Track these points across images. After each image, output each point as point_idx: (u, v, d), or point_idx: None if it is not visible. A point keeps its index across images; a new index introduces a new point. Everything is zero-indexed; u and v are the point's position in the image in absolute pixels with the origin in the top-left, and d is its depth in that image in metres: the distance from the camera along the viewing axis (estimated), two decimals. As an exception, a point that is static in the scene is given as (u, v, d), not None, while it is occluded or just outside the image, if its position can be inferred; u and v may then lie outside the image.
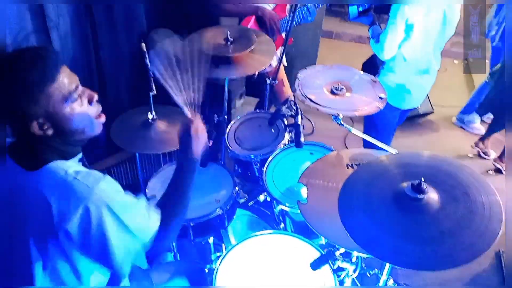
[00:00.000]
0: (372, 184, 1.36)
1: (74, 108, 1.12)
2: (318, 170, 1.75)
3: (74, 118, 1.13)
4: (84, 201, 1.07)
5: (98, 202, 1.08)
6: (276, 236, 1.74)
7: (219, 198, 1.92)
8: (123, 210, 1.13)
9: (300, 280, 1.56)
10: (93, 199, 1.08)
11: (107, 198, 1.10)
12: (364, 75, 2.18)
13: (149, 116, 1.99)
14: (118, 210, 1.11)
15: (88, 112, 1.16)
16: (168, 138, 1.96)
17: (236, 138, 2.25)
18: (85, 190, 1.08)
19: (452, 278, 2.38)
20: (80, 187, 1.09)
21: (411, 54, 2.31)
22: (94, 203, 1.08)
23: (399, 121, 2.69)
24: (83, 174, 1.12)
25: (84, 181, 1.09)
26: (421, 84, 2.45)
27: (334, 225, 1.35)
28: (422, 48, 2.31)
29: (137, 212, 1.18)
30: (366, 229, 1.23)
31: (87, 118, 1.16)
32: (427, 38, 2.28)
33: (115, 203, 1.11)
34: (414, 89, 2.43)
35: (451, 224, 1.17)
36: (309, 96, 1.99)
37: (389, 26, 2.23)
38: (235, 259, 1.64)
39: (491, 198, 1.21)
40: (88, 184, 1.09)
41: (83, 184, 1.09)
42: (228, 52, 2.12)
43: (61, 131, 1.13)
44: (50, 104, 1.07)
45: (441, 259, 1.12)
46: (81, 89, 1.15)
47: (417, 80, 2.40)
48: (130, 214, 1.15)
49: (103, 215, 1.09)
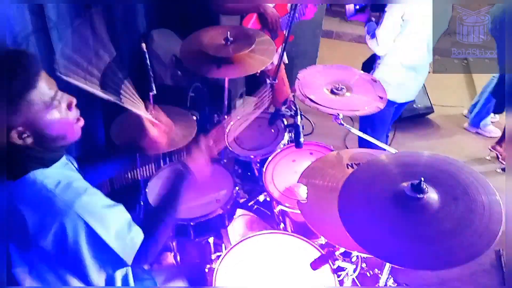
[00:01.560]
0: (372, 184, 1.36)
1: (54, 115, 1.08)
2: (318, 170, 1.75)
3: (55, 125, 1.09)
4: (60, 217, 1.03)
5: (75, 219, 1.04)
6: (276, 236, 1.74)
7: (219, 198, 1.92)
8: (103, 228, 1.08)
9: (300, 280, 1.56)
10: (70, 216, 1.03)
11: (86, 215, 1.06)
12: (364, 75, 2.19)
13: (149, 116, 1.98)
14: (97, 228, 1.07)
15: (68, 118, 1.12)
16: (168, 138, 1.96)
17: (236, 138, 2.25)
18: (62, 206, 1.04)
19: (452, 277, 2.38)
20: (57, 202, 1.04)
21: (404, 49, 2.37)
22: (71, 220, 1.03)
23: (395, 115, 2.75)
24: (62, 186, 1.07)
25: (62, 196, 1.05)
26: (415, 78, 2.51)
27: (334, 225, 1.35)
28: (415, 42, 2.36)
29: (119, 229, 1.13)
30: (366, 229, 1.23)
31: (68, 124, 1.13)
32: (420, 33, 2.33)
33: (94, 220, 1.07)
34: (408, 83, 2.49)
35: (451, 223, 1.17)
36: (309, 96, 1.99)
37: (385, 22, 2.28)
38: (235, 259, 1.64)
39: (491, 197, 1.20)
40: (66, 199, 1.05)
41: (61, 199, 1.04)
42: (228, 52, 2.13)
43: (41, 139, 1.08)
44: (31, 112, 1.03)
45: (442, 258, 1.12)
46: (60, 94, 1.10)
47: (410, 73, 2.46)
48: (110, 232, 1.10)
49: (80, 234, 1.04)
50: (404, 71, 2.44)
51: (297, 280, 1.56)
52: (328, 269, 1.55)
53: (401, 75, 2.45)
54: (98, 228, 1.07)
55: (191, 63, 2.18)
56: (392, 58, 2.43)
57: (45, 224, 1.03)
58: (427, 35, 2.35)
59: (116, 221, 1.14)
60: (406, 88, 2.50)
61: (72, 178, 1.14)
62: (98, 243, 1.08)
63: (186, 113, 2.13)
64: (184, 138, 1.97)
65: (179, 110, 2.15)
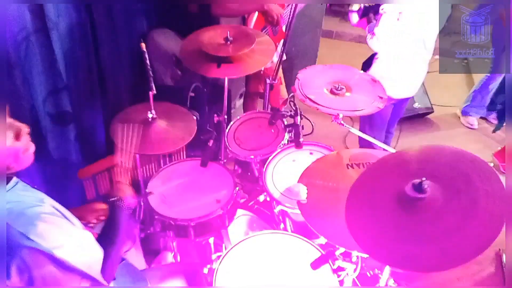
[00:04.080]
0: (374, 187, 1.33)
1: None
2: (318, 170, 1.75)
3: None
4: (19, 251, 1.00)
5: (34, 250, 1.01)
6: (276, 236, 1.74)
7: (220, 198, 1.92)
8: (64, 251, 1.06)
9: (300, 280, 1.56)
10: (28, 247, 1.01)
11: (44, 242, 1.03)
12: (364, 75, 2.19)
13: (149, 115, 1.98)
14: (59, 252, 1.05)
15: (12, 149, 1.06)
16: (168, 137, 1.96)
17: (236, 138, 2.25)
18: (18, 238, 1.01)
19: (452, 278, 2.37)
20: (13, 234, 1.01)
21: (399, 45, 2.41)
22: (31, 253, 1.01)
23: (395, 113, 2.77)
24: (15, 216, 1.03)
25: (17, 227, 1.01)
26: (410, 74, 2.54)
27: (334, 225, 1.35)
28: (410, 39, 2.39)
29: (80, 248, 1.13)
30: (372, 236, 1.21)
31: (12, 154, 1.07)
32: (415, 30, 2.36)
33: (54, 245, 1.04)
34: (403, 78, 2.52)
35: (456, 218, 1.14)
36: (309, 96, 1.99)
37: (382, 20, 2.36)
38: (235, 259, 1.64)
39: (494, 184, 1.16)
40: (22, 230, 1.01)
41: (16, 231, 1.01)
42: (228, 52, 2.12)
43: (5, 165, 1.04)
44: None
45: (449, 257, 1.09)
46: (8, 123, 1.04)
47: (405, 69, 2.50)
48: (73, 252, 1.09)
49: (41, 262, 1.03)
50: (399, 66, 2.48)
51: (297, 280, 1.56)
52: (328, 269, 1.55)
53: (396, 70, 2.49)
54: (59, 252, 1.06)
55: (191, 63, 2.18)
56: (388, 54, 2.48)
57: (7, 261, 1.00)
58: (423, 32, 2.38)
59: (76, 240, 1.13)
60: (402, 83, 2.53)
61: (27, 204, 1.09)
62: (61, 264, 1.06)
63: (186, 112, 2.13)
64: (185, 137, 1.97)
65: (179, 108, 2.15)
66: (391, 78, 2.43)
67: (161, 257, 2.20)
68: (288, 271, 1.59)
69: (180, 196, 1.93)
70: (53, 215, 1.12)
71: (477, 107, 3.74)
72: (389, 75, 2.46)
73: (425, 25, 2.36)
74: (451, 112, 3.97)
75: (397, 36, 2.39)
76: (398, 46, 2.43)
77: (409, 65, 2.50)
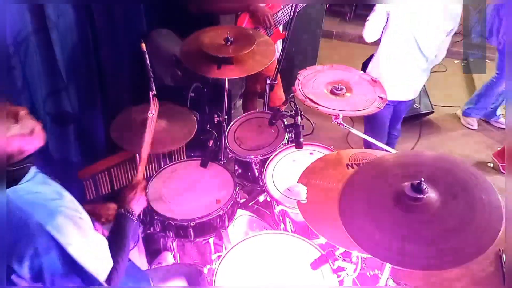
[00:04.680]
0: (372, 185, 1.35)
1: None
2: (318, 170, 1.75)
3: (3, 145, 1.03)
4: (34, 241, 1.00)
5: (49, 242, 1.01)
6: (276, 236, 1.74)
7: (220, 198, 1.92)
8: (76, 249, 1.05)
9: (300, 280, 1.56)
10: (43, 239, 1.00)
11: (60, 236, 1.02)
12: (364, 75, 2.19)
13: (149, 115, 1.98)
14: (72, 249, 1.04)
15: (17, 133, 1.06)
16: (168, 137, 1.96)
17: (236, 138, 2.25)
18: (35, 226, 1.00)
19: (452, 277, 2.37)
20: (30, 223, 1.00)
21: (391, 44, 2.48)
22: (44, 242, 1.00)
23: (395, 116, 2.79)
24: (36, 206, 1.03)
25: (35, 216, 1.01)
26: (403, 74, 2.54)
27: (334, 225, 1.35)
28: (401, 39, 2.43)
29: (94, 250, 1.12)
30: (367, 231, 1.22)
31: (18, 139, 1.06)
32: (406, 30, 2.40)
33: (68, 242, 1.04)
34: (397, 79, 2.54)
35: (454, 221, 1.16)
36: (309, 96, 1.99)
37: (372, 15, 2.46)
38: (235, 259, 1.64)
39: (489, 191, 1.20)
40: (39, 220, 1.01)
41: (34, 219, 1.01)
42: (228, 52, 2.13)
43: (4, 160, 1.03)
44: None
45: (447, 257, 1.11)
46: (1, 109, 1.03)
47: (398, 70, 2.52)
48: (85, 253, 1.08)
49: (53, 257, 1.02)
50: (391, 67, 2.52)
51: (297, 280, 1.56)
52: (328, 269, 1.55)
53: (389, 70, 2.53)
54: (73, 248, 1.05)
55: (191, 63, 2.18)
56: (381, 54, 2.54)
57: (20, 249, 1.00)
58: (414, 32, 2.39)
59: (92, 242, 1.13)
60: (395, 85, 2.52)
61: (48, 195, 1.10)
62: (72, 262, 1.06)
63: (186, 112, 2.13)
64: (185, 137, 1.97)
65: (179, 108, 2.15)
66: (385, 78, 2.43)
67: (161, 257, 2.20)
68: (288, 271, 1.59)
69: (180, 196, 1.93)
70: (74, 211, 1.12)
71: (479, 109, 3.72)
72: (383, 75, 2.47)
73: (417, 25, 2.36)
74: (452, 113, 3.97)
75: (388, 35, 2.45)
76: (389, 46, 2.48)
77: (402, 66, 2.51)
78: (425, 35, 2.40)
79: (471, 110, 3.76)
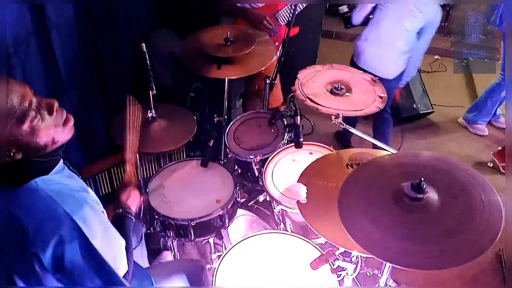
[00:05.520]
0: (371, 184, 1.35)
1: (35, 125, 1.03)
2: (318, 170, 1.75)
3: (38, 135, 1.04)
4: (59, 228, 1.01)
5: (73, 230, 1.02)
6: (276, 236, 1.74)
7: (220, 198, 1.92)
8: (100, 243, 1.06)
9: (300, 280, 1.56)
10: (69, 225, 1.01)
11: (85, 227, 1.03)
12: (364, 75, 2.19)
13: (149, 114, 1.99)
14: (95, 242, 1.05)
15: (51, 124, 1.07)
16: (168, 137, 1.96)
17: (236, 138, 2.25)
18: (62, 214, 1.02)
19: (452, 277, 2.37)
20: (58, 209, 1.02)
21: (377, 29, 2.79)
22: (69, 230, 1.01)
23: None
24: (65, 195, 1.05)
25: (63, 205, 1.03)
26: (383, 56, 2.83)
27: (334, 225, 1.35)
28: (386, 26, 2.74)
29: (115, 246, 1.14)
30: (366, 229, 1.23)
31: (52, 130, 1.08)
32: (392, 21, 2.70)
33: (93, 234, 1.05)
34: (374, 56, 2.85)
35: (453, 221, 1.17)
36: (309, 96, 1.99)
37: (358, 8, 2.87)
38: (235, 259, 1.64)
39: (489, 193, 1.20)
40: (67, 209, 1.03)
41: (62, 207, 1.02)
42: (228, 52, 2.13)
43: (30, 151, 1.05)
44: (7, 130, 0.98)
45: (447, 257, 1.11)
46: (35, 102, 1.04)
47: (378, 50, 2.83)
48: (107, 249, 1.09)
49: (76, 246, 1.02)
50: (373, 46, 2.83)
51: (297, 280, 1.56)
52: (328, 269, 1.55)
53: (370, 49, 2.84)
54: (96, 242, 1.06)
55: (191, 64, 2.18)
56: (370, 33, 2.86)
57: (46, 235, 1.01)
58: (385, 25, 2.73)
59: (114, 242, 1.15)
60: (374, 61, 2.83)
61: (75, 187, 1.12)
62: (94, 256, 1.06)
63: (186, 112, 2.13)
64: (185, 137, 1.97)
65: (179, 108, 2.15)
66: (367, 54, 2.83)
67: (161, 257, 2.20)
68: (288, 271, 1.59)
69: (180, 196, 1.93)
70: (98, 205, 1.14)
71: (485, 115, 3.67)
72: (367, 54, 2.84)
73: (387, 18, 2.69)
74: (452, 113, 3.97)
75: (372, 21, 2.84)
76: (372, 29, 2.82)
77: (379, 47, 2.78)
78: (390, 30, 2.71)
79: (477, 117, 3.70)
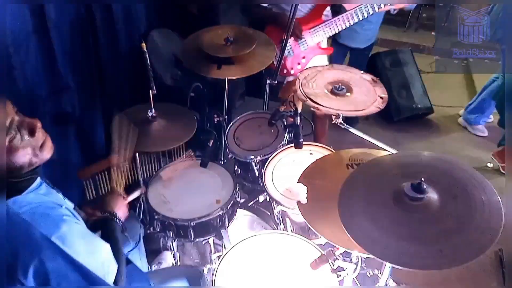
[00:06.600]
0: (372, 185, 1.36)
1: (14, 145, 1.00)
2: (318, 170, 1.75)
3: (16, 156, 1.01)
4: (38, 252, 0.98)
5: (55, 251, 0.99)
6: (276, 236, 1.74)
7: (220, 198, 1.92)
8: (83, 256, 1.05)
9: (300, 280, 1.56)
10: (49, 249, 0.99)
11: (66, 246, 1.01)
12: (364, 75, 2.18)
13: (149, 113, 1.98)
14: (80, 257, 1.03)
15: (30, 145, 1.05)
16: (168, 136, 1.96)
17: (236, 138, 2.25)
18: (39, 238, 0.99)
19: (452, 277, 2.37)
20: (34, 234, 0.99)
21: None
22: (50, 253, 0.99)
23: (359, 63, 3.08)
24: (39, 216, 1.01)
25: (39, 227, 0.99)
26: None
27: (334, 225, 1.35)
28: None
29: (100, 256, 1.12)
30: (367, 229, 1.23)
31: (30, 151, 1.05)
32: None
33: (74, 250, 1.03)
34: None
35: (453, 221, 1.17)
36: (309, 96, 1.99)
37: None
38: (235, 259, 1.64)
39: (489, 193, 1.20)
40: (43, 231, 1.00)
41: (38, 230, 0.99)
42: (229, 53, 2.12)
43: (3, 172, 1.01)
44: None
45: (447, 257, 1.11)
46: (17, 121, 1.02)
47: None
48: (91, 259, 1.07)
49: (60, 267, 1.00)
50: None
51: (297, 280, 1.56)
52: (328, 269, 1.55)
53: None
54: (80, 258, 1.04)
55: (192, 64, 2.18)
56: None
57: (24, 261, 0.98)
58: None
59: (97, 249, 1.13)
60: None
61: (49, 205, 1.09)
62: (79, 270, 1.05)
63: (186, 111, 2.13)
64: (184, 137, 1.97)
65: (179, 108, 2.15)
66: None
67: (161, 257, 2.20)
68: (288, 271, 1.59)
69: (180, 196, 1.93)
70: (73, 217, 1.11)
71: (487, 116, 3.68)
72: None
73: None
74: (451, 113, 3.97)
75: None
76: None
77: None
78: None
79: (479, 118, 3.69)
